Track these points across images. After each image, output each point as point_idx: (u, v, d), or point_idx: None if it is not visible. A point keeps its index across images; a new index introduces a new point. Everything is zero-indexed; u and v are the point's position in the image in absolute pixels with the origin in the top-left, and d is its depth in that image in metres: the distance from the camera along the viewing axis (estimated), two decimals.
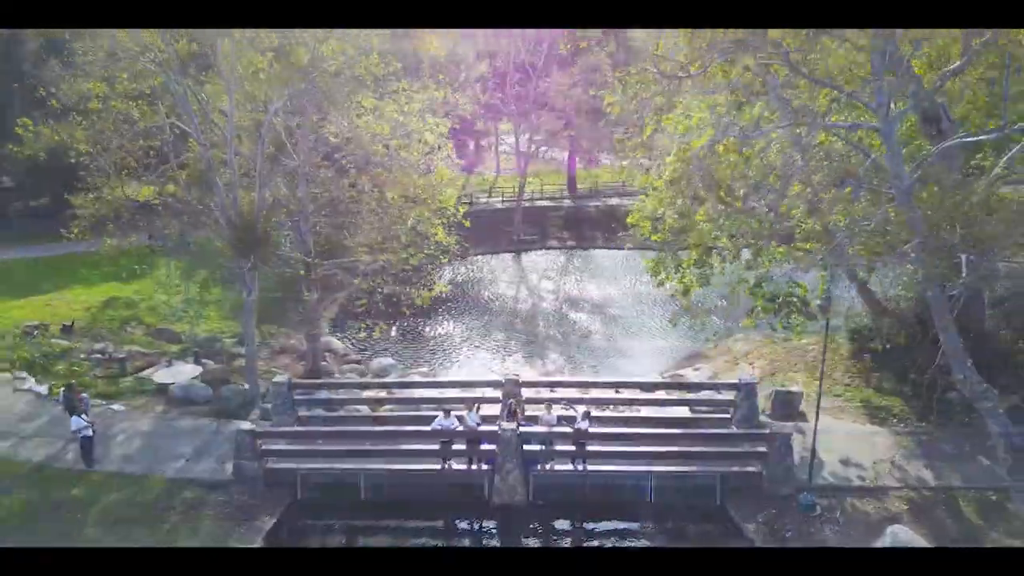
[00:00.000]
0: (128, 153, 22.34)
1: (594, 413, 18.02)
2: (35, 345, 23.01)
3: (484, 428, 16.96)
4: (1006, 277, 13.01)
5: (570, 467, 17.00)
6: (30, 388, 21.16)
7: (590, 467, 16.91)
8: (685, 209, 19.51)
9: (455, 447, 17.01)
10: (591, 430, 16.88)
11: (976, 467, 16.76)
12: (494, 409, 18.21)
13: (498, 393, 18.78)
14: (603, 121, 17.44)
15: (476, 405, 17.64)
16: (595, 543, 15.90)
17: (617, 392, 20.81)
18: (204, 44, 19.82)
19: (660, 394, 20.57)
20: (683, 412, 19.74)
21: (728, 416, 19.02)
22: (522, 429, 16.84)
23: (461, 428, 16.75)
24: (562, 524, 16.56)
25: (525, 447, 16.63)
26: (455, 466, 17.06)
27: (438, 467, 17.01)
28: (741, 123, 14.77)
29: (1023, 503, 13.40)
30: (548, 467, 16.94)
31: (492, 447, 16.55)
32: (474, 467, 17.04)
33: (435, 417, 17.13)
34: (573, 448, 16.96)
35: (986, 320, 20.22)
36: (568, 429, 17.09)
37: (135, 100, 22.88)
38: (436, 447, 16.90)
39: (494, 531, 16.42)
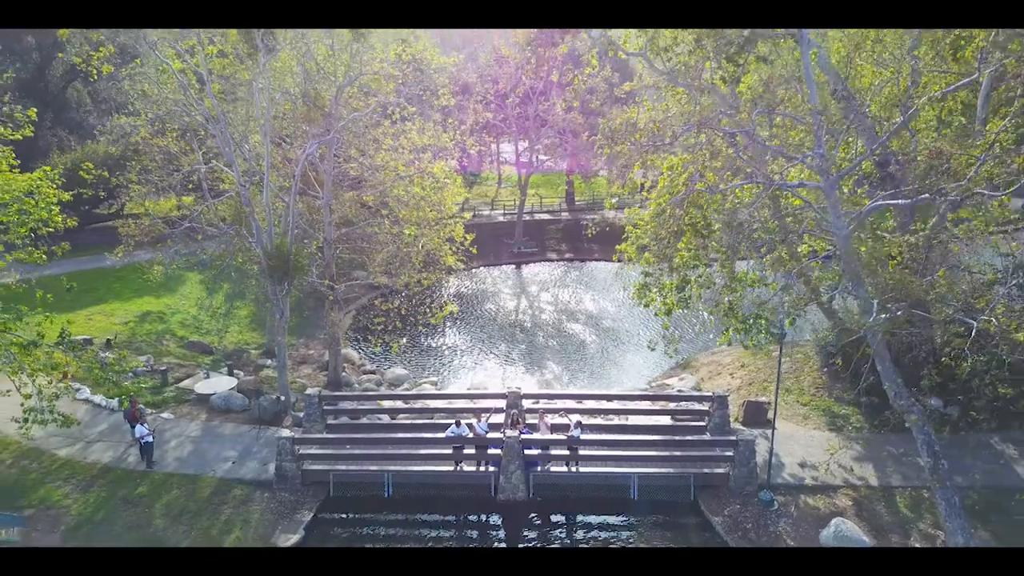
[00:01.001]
0: (168, 186, 25.19)
1: (585, 421, 20.68)
2: (88, 359, 25.62)
3: (491, 435, 19.64)
4: (908, 323, 15.39)
5: (564, 469, 19.69)
6: (87, 398, 23.92)
7: (582, 469, 19.63)
8: (668, 239, 22.18)
9: (466, 452, 19.69)
10: (582, 437, 19.56)
11: (914, 469, 19.45)
12: (499, 418, 20.93)
13: (502, 404, 21.50)
14: (597, 147, 19.94)
15: (486, 415, 20.27)
16: (587, 534, 18.58)
17: (607, 403, 23.49)
18: (246, 101, 22.50)
19: (644, 404, 23.29)
20: (665, 420, 22.47)
21: (704, 424, 21.74)
22: (523, 436, 19.55)
23: (471, 435, 19.46)
24: (557, 518, 19.24)
25: (526, 451, 19.37)
26: (466, 468, 19.76)
27: (451, 468, 19.73)
28: (708, 179, 17.42)
29: (942, 498, 15.98)
30: (546, 469, 19.65)
31: (498, 452, 19.29)
32: (482, 469, 19.74)
33: (448, 425, 19.88)
34: (567, 453, 19.64)
35: (937, 339, 22.90)
36: (563, 436, 19.77)
37: (175, 137, 25.79)
38: (450, 451, 19.60)
39: (499, 523, 19.11)
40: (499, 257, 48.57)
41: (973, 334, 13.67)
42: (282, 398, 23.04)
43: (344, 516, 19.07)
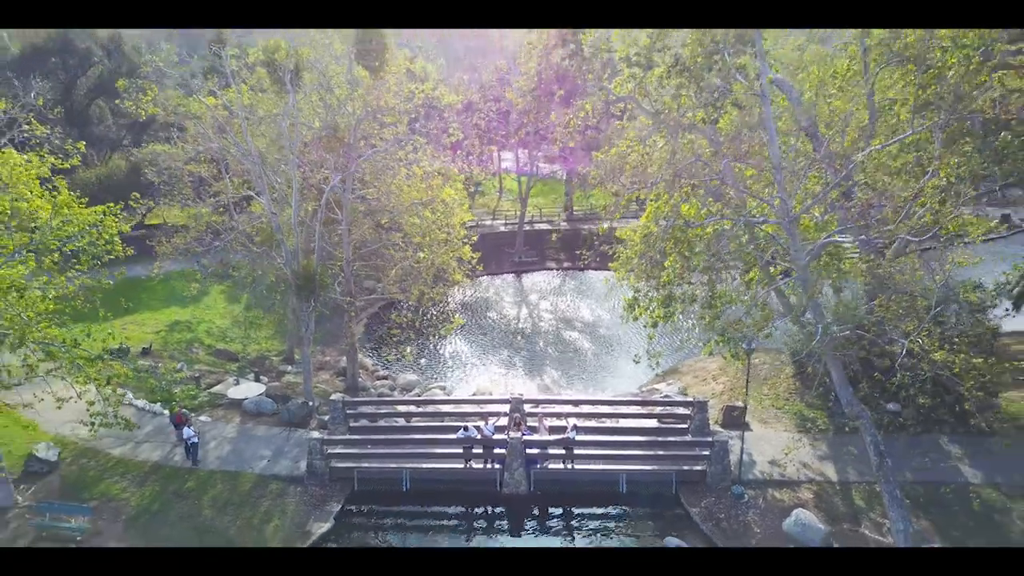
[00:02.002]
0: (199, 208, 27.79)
1: (580, 424, 23.30)
2: (142, 369, 28.28)
3: (496, 437, 22.24)
4: (853, 343, 17.97)
5: (562, 466, 22.27)
6: (131, 402, 26.50)
7: (577, 466, 22.22)
8: (655, 258, 24.75)
9: (474, 451, 22.27)
10: (577, 438, 22.13)
11: (869, 466, 21.91)
12: (503, 421, 23.52)
13: (506, 408, 24.09)
14: (591, 179, 22.48)
15: (494, 419, 22.86)
16: (581, 523, 21.17)
17: (600, 407, 26.09)
18: (273, 131, 25.07)
19: (633, 409, 25.89)
20: (651, 423, 25.08)
21: (686, 426, 24.33)
22: (525, 437, 22.15)
23: (479, 437, 22.05)
24: (555, 510, 21.82)
25: (527, 451, 21.96)
26: (474, 465, 22.34)
27: (461, 466, 22.32)
28: (684, 214, 20.02)
29: (886, 491, 18.50)
30: (545, 466, 22.24)
31: (502, 451, 21.89)
32: (488, 466, 22.31)
33: (457, 427, 22.49)
34: (564, 452, 22.22)
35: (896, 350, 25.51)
36: (560, 437, 22.34)
37: (207, 163, 28.39)
38: (460, 451, 22.19)
39: (503, 514, 21.70)
40: (501, 266, 51.09)
41: (904, 352, 16.26)
42: (310, 403, 25.64)
43: (368, 508, 21.67)
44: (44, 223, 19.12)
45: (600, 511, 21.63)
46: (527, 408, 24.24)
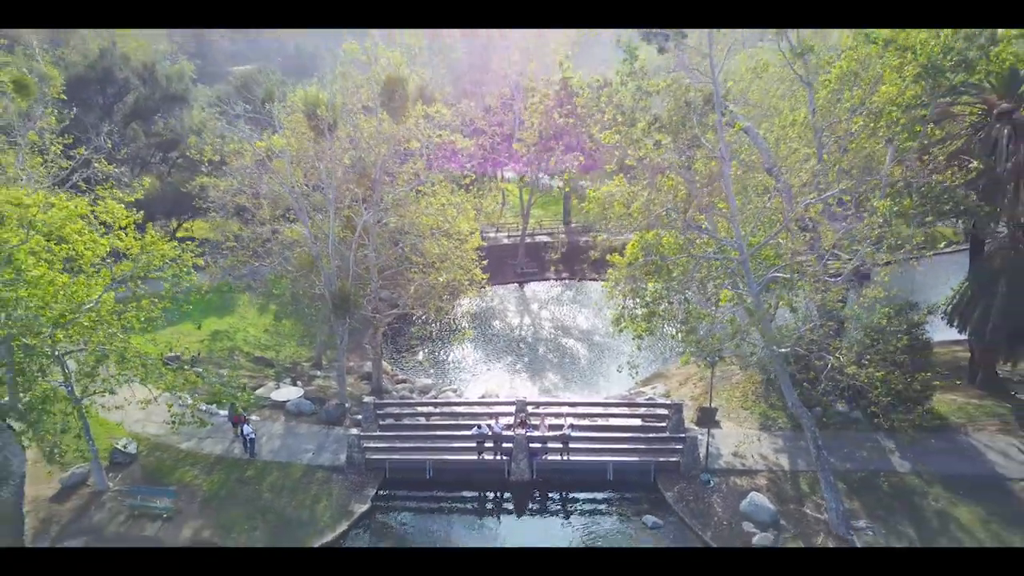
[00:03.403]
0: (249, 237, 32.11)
1: (575, 423, 27.62)
2: (210, 376, 32.51)
3: (504, 433, 26.55)
4: (786, 359, 22.36)
5: (559, 457, 26.58)
6: (179, 403, 30.70)
7: (572, 457, 26.54)
8: (638, 281, 29.06)
9: (486, 445, 26.59)
10: (573, 434, 26.45)
11: None
12: (510, 420, 27.85)
13: (512, 409, 28.42)
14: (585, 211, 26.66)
15: (504, 419, 27.18)
16: (575, 505, 25.48)
17: (592, 408, 30.43)
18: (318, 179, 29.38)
19: (621, 410, 30.23)
20: (636, 422, 29.42)
21: (664, 425, 28.65)
22: (528, 434, 26.47)
23: (490, 433, 26.37)
24: (553, 494, 26.14)
25: (530, 445, 26.28)
26: (486, 457, 26.66)
27: (475, 457, 26.65)
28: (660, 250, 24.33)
29: (822, 477, 22.78)
30: (545, 457, 26.55)
31: (509, 445, 26.21)
32: (498, 457, 26.63)
33: (471, 426, 26.82)
34: (561, 446, 26.53)
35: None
36: (558, 434, 26.64)
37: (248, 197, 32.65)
38: (474, 445, 26.53)
39: (510, 498, 26.01)
40: (504, 276, 55.34)
41: (828, 366, 20.61)
42: (346, 404, 30.00)
43: (398, 492, 26.02)
44: (135, 256, 23.41)
45: (591, 495, 25.97)
46: (530, 409, 28.57)
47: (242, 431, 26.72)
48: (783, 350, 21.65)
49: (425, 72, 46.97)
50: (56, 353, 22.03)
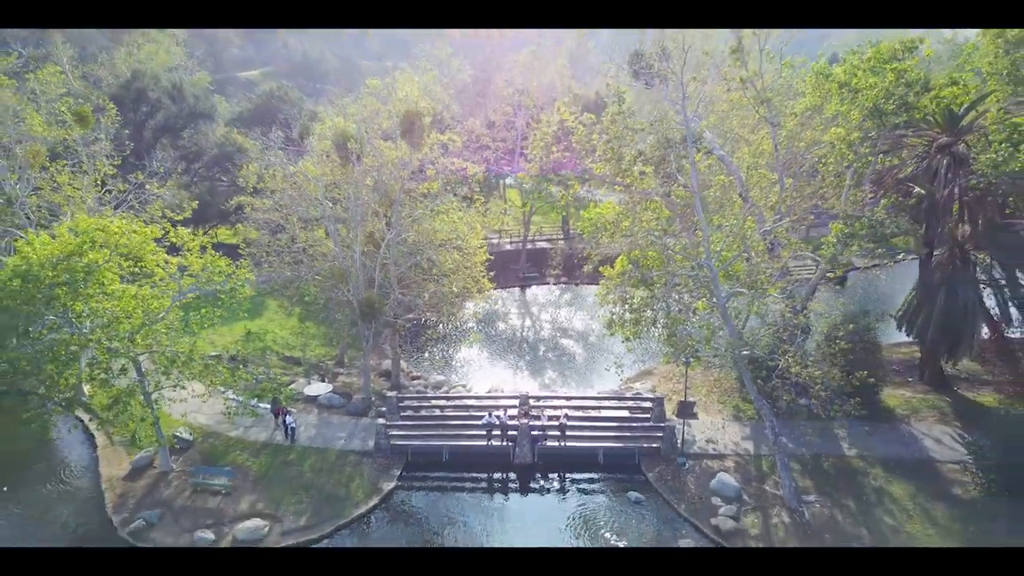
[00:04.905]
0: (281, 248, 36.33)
1: (572, 414, 31.91)
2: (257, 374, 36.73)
3: (510, 422, 30.84)
4: (747, 359, 26.74)
5: (557, 444, 30.87)
6: (231, 397, 35.03)
7: (568, 444, 30.85)
8: (627, 288, 33.36)
9: (494, 433, 30.89)
10: (569, 424, 30.74)
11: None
12: (514, 411, 32.16)
13: (516, 402, 32.72)
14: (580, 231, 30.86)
15: (506, 410, 31.48)
16: (571, 484, 29.76)
17: (586, 401, 34.76)
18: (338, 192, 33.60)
19: (611, 403, 34.56)
20: (624, 413, 33.75)
21: (648, 416, 32.96)
22: (530, 423, 30.78)
23: (498, 423, 30.67)
24: (552, 474, 30.43)
25: (532, 433, 30.58)
26: (494, 443, 30.96)
27: (484, 443, 30.96)
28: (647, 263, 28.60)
29: (779, 460, 27.08)
30: (545, 444, 30.85)
31: (514, 433, 30.52)
32: (504, 443, 30.92)
33: (481, 416, 31.12)
34: (559, 433, 30.82)
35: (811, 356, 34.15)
36: (556, 423, 30.91)
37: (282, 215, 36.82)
38: (484, 433, 30.85)
39: (515, 479, 30.30)
40: (507, 281, 59.59)
41: (777, 366, 24.90)
42: (372, 398, 34.34)
43: (418, 473, 30.33)
44: (195, 273, 27.62)
45: (584, 475, 30.28)
46: (532, 401, 32.87)
47: (284, 420, 31.00)
48: (744, 352, 25.96)
49: (439, 91, 51.20)
50: (132, 355, 26.29)
